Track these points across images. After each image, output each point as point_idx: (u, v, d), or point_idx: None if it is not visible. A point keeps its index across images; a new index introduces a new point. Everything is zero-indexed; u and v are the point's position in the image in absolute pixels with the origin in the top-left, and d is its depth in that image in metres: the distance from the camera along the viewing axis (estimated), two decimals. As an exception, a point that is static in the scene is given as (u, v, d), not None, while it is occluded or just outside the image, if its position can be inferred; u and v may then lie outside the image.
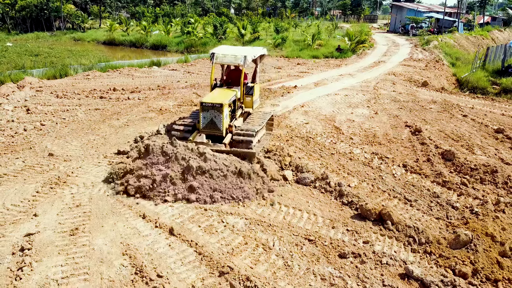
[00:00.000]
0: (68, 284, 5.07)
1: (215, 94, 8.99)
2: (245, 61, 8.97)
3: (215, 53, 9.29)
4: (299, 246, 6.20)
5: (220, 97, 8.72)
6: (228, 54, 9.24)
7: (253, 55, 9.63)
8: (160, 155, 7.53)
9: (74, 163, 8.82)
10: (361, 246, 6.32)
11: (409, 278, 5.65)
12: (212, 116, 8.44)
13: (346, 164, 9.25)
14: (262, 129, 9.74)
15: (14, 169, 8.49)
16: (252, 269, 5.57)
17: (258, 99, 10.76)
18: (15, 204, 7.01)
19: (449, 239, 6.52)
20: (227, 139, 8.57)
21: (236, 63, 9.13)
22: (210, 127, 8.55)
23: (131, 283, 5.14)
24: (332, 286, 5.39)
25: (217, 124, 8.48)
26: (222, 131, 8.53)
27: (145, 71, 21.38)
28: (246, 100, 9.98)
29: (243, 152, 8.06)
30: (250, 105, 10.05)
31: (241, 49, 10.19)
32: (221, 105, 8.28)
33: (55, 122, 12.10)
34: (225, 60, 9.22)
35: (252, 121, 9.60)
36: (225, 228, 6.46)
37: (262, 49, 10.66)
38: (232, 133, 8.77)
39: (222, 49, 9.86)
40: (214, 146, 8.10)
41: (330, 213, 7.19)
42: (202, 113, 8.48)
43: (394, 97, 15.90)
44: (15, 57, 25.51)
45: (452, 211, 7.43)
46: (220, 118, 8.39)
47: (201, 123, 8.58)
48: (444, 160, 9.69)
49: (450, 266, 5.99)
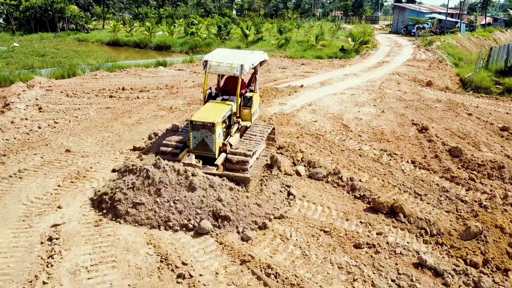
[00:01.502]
0: (97, 271, 5.30)
1: (206, 111, 7.99)
2: (242, 71, 8.09)
3: (208, 61, 8.37)
4: (315, 237, 6.42)
5: (212, 114, 7.75)
6: (223, 63, 8.29)
7: (251, 62, 8.62)
8: (144, 178, 6.77)
9: (92, 159, 9.05)
10: (375, 237, 6.54)
11: (422, 267, 5.86)
12: (203, 136, 7.56)
13: (356, 160, 9.47)
14: (261, 145, 8.79)
15: (34, 165, 8.72)
16: (272, 258, 5.80)
17: (258, 110, 9.63)
18: (38, 197, 7.24)
19: (460, 230, 6.74)
20: (220, 159, 7.67)
21: (231, 73, 8.22)
22: (201, 148, 7.68)
23: (158, 270, 5.37)
24: (349, 274, 5.61)
25: (208, 145, 7.61)
26: (215, 152, 7.65)
27: (152, 71, 21.62)
28: (244, 113, 8.85)
29: (236, 177, 7.33)
30: (248, 118, 8.90)
31: (238, 55, 9.16)
32: (213, 125, 7.41)
33: (68, 120, 12.32)
34: (219, 69, 8.31)
35: (250, 137, 8.59)
36: (243, 220, 6.68)
37: (262, 55, 9.52)
38: (227, 153, 7.84)
39: (217, 56, 8.84)
40: (204, 169, 7.28)
41: (343, 206, 7.42)
42: (192, 132, 7.60)
43: (399, 96, 16.13)
44: (22, 57, 25.73)
45: (462, 205, 7.65)
46: (212, 138, 7.52)
47: (191, 143, 7.70)
48: (452, 157, 9.91)
49: (461, 256, 6.21)
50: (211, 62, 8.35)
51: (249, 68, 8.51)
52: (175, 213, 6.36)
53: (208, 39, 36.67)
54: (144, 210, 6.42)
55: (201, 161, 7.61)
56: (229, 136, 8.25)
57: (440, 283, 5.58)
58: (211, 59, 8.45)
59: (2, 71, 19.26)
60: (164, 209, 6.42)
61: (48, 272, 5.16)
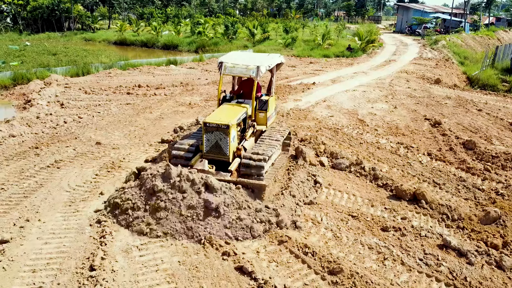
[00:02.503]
0: (147, 249, 5.71)
1: (221, 113, 7.74)
2: (258, 73, 7.75)
3: (223, 63, 8.11)
4: (344, 221, 6.82)
5: (226, 116, 7.48)
6: (239, 64, 8.00)
7: (268, 64, 8.27)
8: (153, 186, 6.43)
9: (123, 150, 9.47)
10: (400, 221, 6.94)
11: (447, 248, 6.26)
12: (217, 138, 7.24)
13: (375, 152, 9.87)
14: (277, 150, 8.51)
15: (68, 156, 9.14)
16: (306, 239, 6.20)
17: (274, 114, 9.30)
18: (79, 185, 7.65)
19: (480, 216, 7.14)
20: (234, 164, 7.32)
21: (247, 75, 7.92)
22: (215, 152, 7.35)
23: (203, 249, 5.77)
24: (379, 254, 6.01)
25: (222, 148, 7.28)
26: (229, 156, 7.32)
27: (164, 69, 22.07)
28: (259, 117, 8.57)
29: (251, 184, 6.96)
30: (264, 122, 8.62)
31: (254, 58, 8.89)
32: (228, 127, 7.10)
33: (91, 115, 12.74)
34: (234, 71, 8.04)
35: (266, 141, 8.21)
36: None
37: (278, 57, 9.17)
38: (241, 157, 7.46)
39: (232, 58, 8.53)
40: (217, 175, 6.92)
41: (367, 193, 7.82)
42: (205, 135, 7.28)
43: (409, 93, 16.52)
44: (35, 56, 26.14)
45: (479, 193, 8.05)
46: (227, 141, 7.19)
47: (204, 147, 7.36)
48: (466, 149, 10.31)
49: (482, 239, 6.60)
50: (227, 64, 8.07)
51: (266, 70, 8.17)
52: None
53: (215, 39, 37.08)
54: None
55: (214, 166, 7.30)
56: (243, 140, 7.89)
57: (465, 262, 5.97)
58: (227, 61, 8.17)
59: (19, 69, 19.66)
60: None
61: (104, 250, 5.56)
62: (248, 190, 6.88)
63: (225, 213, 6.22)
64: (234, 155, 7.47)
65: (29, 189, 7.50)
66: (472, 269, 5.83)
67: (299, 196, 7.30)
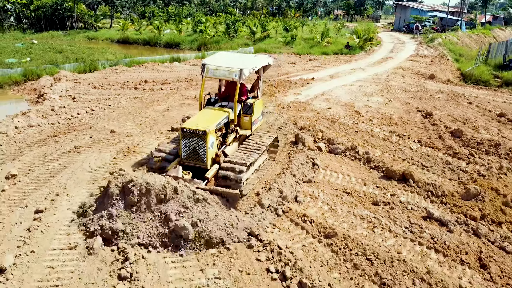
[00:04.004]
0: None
1: (199, 118, 7.51)
2: (241, 76, 7.51)
3: (206, 65, 7.82)
4: (339, 196, 7.62)
5: (205, 121, 7.28)
6: (222, 67, 7.71)
7: (252, 67, 7.95)
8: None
9: (136, 138, 10.25)
10: (389, 197, 7.73)
11: (430, 219, 7.05)
12: (195, 145, 7.06)
13: (369, 140, 10.66)
14: (261, 157, 8.30)
15: (86, 143, 9.92)
16: (305, 211, 6.99)
17: (261, 118, 8.99)
18: (99, 167, 8.44)
19: (461, 192, 7.93)
20: (211, 172, 7.12)
21: (230, 77, 7.64)
22: (192, 158, 7.18)
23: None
24: (370, 223, 6.80)
25: (200, 155, 7.10)
26: (207, 163, 7.14)
27: (168, 66, 22.84)
28: (244, 121, 8.37)
29: (224, 192, 6.66)
30: (249, 127, 8.38)
31: (239, 60, 8.46)
32: (205, 133, 6.91)
33: (103, 108, 13.51)
34: (217, 73, 7.72)
35: (249, 147, 7.91)
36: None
37: (266, 59, 8.96)
38: (220, 164, 7.27)
39: (216, 60, 8.23)
40: (190, 183, 6.57)
41: (360, 174, 8.62)
42: (183, 140, 7.11)
43: (404, 88, 17.30)
44: (42, 53, 26.91)
45: (463, 174, 8.85)
46: (204, 147, 7.02)
47: (182, 153, 7.20)
48: (453, 137, 11.10)
49: (462, 212, 7.39)
50: (209, 66, 7.77)
51: (250, 73, 7.84)
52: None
53: (216, 37, 37.84)
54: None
55: (191, 173, 7.15)
56: (224, 146, 7.70)
57: (445, 230, 6.75)
58: (210, 63, 7.89)
59: (29, 65, 20.44)
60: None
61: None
62: (224, 199, 6.62)
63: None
64: (213, 162, 7.28)
65: (54, 170, 8.30)
66: (451, 236, 6.62)
67: (299, 175, 8.10)
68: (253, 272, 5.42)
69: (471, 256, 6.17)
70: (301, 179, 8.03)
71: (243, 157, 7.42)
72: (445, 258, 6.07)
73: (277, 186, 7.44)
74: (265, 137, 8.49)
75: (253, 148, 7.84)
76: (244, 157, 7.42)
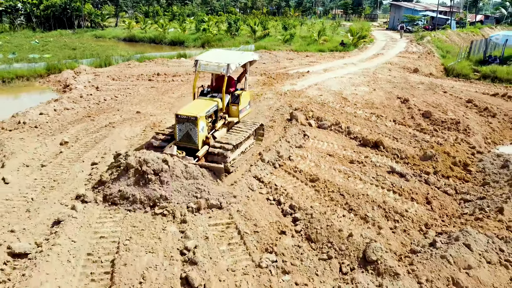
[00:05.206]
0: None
1: (192, 106, 8.74)
2: (228, 70, 8.64)
3: (198, 60, 8.97)
4: (323, 157, 9.73)
5: (196, 109, 8.47)
6: (212, 62, 8.84)
7: (238, 62, 9.14)
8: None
9: (159, 117, 12.37)
10: (363, 158, 9.85)
11: (393, 172, 9.15)
12: (188, 129, 8.23)
13: (352, 119, 12.77)
14: (247, 140, 9.49)
15: (118, 120, 12.04)
16: (296, 165, 9.10)
17: (248, 107, 10.24)
18: (133, 136, 10.58)
19: (420, 155, 10.05)
20: (201, 151, 8.31)
21: (218, 71, 8.78)
22: (186, 140, 8.37)
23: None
24: (345, 174, 8.91)
25: (192, 137, 8.28)
26: (198, 144, 8.32)
27: (176, 62, 24.95)
28: (232, 109, 9.64)
29: (210, 166, 7.95)
30: (236, 115, 9.66)
31: (227, 56, 9.62)
32: (196, 118, 8.09)
33: (125, 95, 15.62)
34: (208, 68, 8.87)
35: (236, 132, 9.18)
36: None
37: (251, 55, 10.11)
38: (209, 145, 8.48)
39: (208, 56, 9.47)
40: (183, 160, 7.83)
41: (342, 142, 10.75)
42: (177, 125, 8.32)
43: (389, 80, 19.42)
44: (57, 50, 29.03)
45: (424, 143, 10.96)
46: (195, 131, 8.19)
47: (177, 136, 8.41)
48: (423, 118, 13.21)
49: (419, 169, 9.50)
50: (201, 61, 8.91)
51: (236, 67, 8.98)
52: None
53: (218, 35, 39.95)
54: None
55: (185, 152, 8.30)
56: (214, 130, 8.92)
57: (403, 180, 8.86)
58: (201, 59, 9.06)
59: (50, 60, 22.54)
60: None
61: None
62: (211, 172, 7.92)
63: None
64: (203, 143, 8.49)
65: (97, 138, 10.43)
66: (407, 183, 8.73)
67: (292, 142, 10.23)
68: (257, 199, 7.56)
69: (420, 196, 8.27)
70: (294, 145, 10.15)
71: (229, 139, 8.69)
72: (399, 197, 8.18)
73: (275, 148, 9.59)
74: (251, 124, 9.80)
75: (239, 133, 9.12)
76: (230, 139, 8.68)
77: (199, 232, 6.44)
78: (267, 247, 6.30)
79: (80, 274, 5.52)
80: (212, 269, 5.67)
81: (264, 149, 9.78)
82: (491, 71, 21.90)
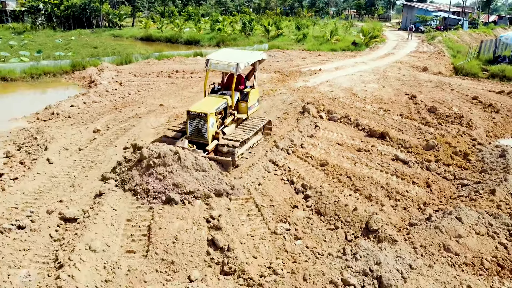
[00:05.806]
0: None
1: (203, 103, 9.09)
2: (237, 69, 8.98)
3: (209, 59, 9.34)
4: (333, 146, 10.59)
5: (206, 106, 8.82)
6: (222, 61, 9.16)
7: (247, 61, 9.51)
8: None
9: (180, 109, 13.35)
10: (370, 147, 10.67)
11: (397, 160, 9.96)
12: (198, 124, 8.59)
13: (360, 113, 13.59)
14: (255, 136, 9.96)
15: (143, 112, 13.06)
16: (308, 152, 9.98)
17: (256, 104, 10.59)
18: (159, 125, 11.57)
19: (423, 145, 10.84)
20: (211, 145, 8.73)
21: (228, 70, 9.14)
22: (196, 135, 8.76)
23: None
24: (352, 161, 9.75)
25: (202, 133, 8.66)
26: (208, 139, 8.70)
27: (193, 60, 25.99)
28: (241, 106, 9.99)
29: (219, 159, 8.49)
30: (245, 111, 10.02)
31: (237, 55, 9.92)
32: (206, 115, 8.46)
33: (147, 90, 16.67)
34: (218, 67, 9.22)
35: (244, 128, 9.63)
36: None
37: (260, 54, 10.43)
38: (219, 140, 8.89)
39: (218, 55, 9.76)
40: (194, 152, 8.19)
41: (350, 133, 11.58)
42: (189, 121, 8.70)
43: (398, 78, 20.13)
44: (80, 48, 30.34)
45: (428, 135, 11.73)
46: (205, 127, 8.56)
47: (188, 131, 8.82)
48: (429, 112, 13.96)
49: (422, 157, 10.29)
50: (212, 60, 9.30)
51: (245, 66, 9.33)
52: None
53: (233, 35, 40.96)
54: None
55: (195, 145, 8.73)
56: (223, 126, 9.32)
57: (406, 166, 9.67)
58: (212, 58, 9.44)
59: (75, 58, 23.77)
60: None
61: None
62: (219, 164, 8.48)
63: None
64: (213, 138, 8.88)
65: (126, 127, 11.45)
66: (410, 169, 9.54)
67: (304, 132, 11.11)
68: (272, 179, 8.47)
69: (421, 180, 9.08)
70: (305, 135, 11.03)
71: (238, 135, 9.14)
72: (402, 180, 9.00)
73: (289, 137, 10.49)
74: (260, 120, 10.30)
75: (247, 129, 9.60)
76: (238, 135, 9.14)
77: (222, 205, 7.37)
78: (282, 218, 7.21)
79: (122, 235, 6.49)
80: (234, 233, 6.59)
81: (278, 138, 10.67)
82: (500, 70, 22.40)
